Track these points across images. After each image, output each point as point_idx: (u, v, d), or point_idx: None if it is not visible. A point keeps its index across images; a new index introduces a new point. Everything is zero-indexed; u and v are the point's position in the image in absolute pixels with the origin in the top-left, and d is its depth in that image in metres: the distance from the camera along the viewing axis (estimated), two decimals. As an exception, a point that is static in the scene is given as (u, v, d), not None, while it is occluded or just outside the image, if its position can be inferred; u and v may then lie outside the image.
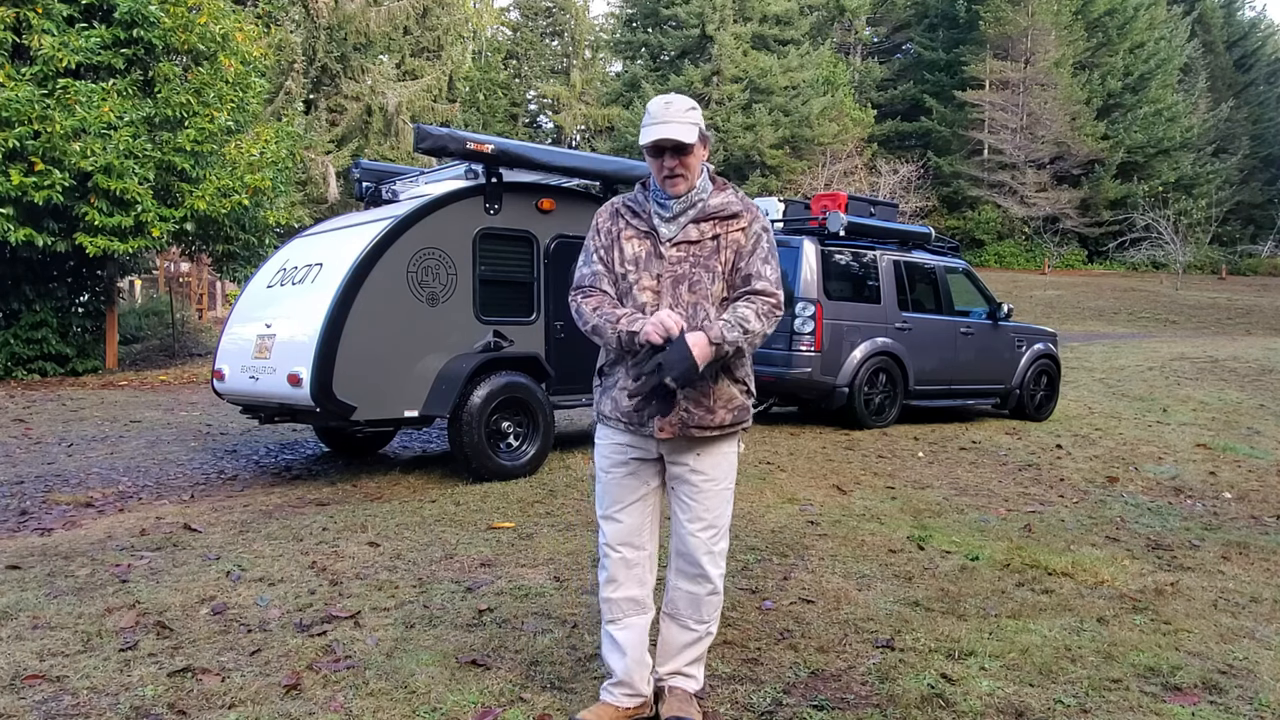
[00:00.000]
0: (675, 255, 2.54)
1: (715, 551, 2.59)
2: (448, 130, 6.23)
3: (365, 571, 4.00)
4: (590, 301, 2.58)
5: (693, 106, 2.52)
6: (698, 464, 2.57)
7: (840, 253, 8.58)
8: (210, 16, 12.69)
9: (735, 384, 2.57)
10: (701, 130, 2.53)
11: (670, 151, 2.49)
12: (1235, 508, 6.35)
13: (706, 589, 2.60)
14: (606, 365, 2.66)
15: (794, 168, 37.79)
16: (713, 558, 2.59)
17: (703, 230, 2.54)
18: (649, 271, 2.55)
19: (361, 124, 29.77)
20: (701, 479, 2.57)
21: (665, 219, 2.57)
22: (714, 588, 2.61)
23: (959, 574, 4.20)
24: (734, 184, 2.65)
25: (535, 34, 49.49)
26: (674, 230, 2.56)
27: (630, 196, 2.68)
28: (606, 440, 2.66)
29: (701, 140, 2.54)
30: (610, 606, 2.65)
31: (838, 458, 7.11)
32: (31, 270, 12.91)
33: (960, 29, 42.11)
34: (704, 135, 2.55)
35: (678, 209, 2.56)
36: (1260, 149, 45.40)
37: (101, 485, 6.11)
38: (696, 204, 2.56)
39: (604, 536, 2.65)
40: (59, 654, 3.06)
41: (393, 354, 5.73)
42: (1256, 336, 21.69)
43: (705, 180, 2.59)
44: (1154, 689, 2.99)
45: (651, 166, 2.57)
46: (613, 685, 2.64)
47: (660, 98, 2.55)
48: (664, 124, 2.47)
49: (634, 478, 2.62)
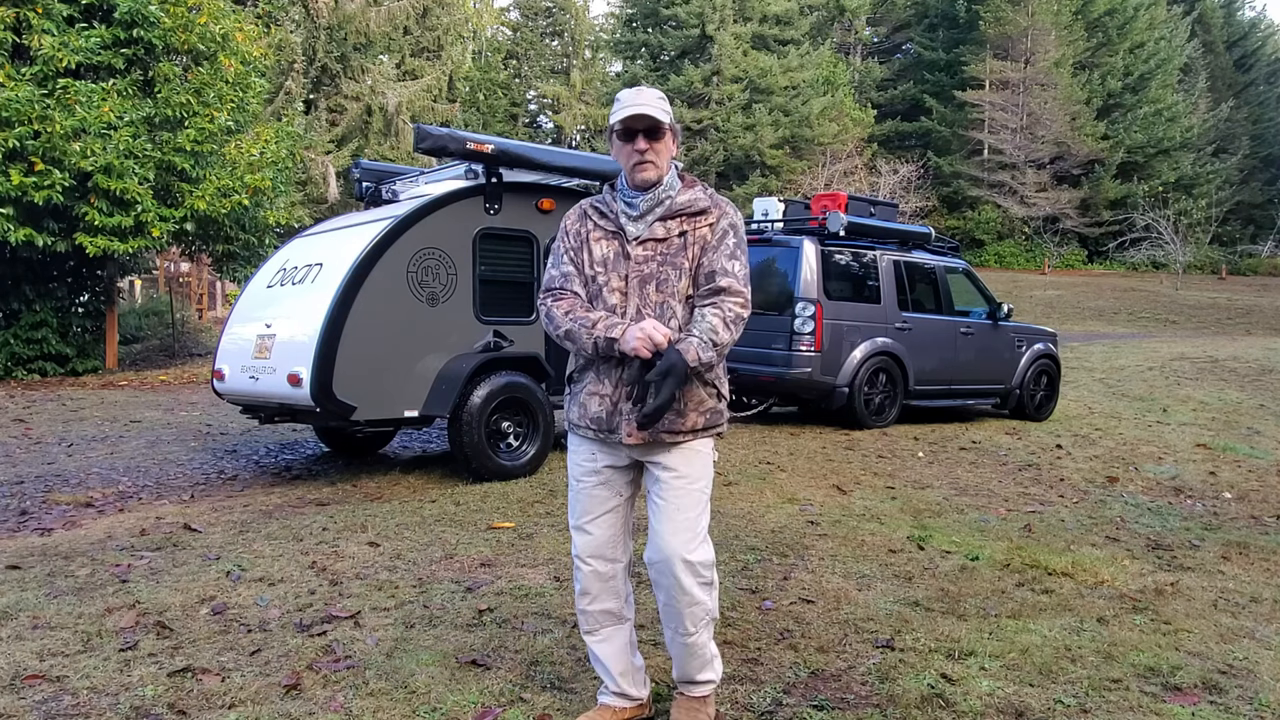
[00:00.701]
0: (642, 254, 2.47)
1: (692, 560, 2.42)
2: (448, 130, 6.23)
3: (365, 571, 4.00)
4: (561, 305, 2.50)
5: (662, 96, 2.49)
6: (668, 460, 2.47)
7: (840, 253, 8.58)
8: (210, 16, 12.69)
9: (705, 386, 2.48)
10: (672, 121, 2.49)
11: (642, 134, 2.44)
12: (1235, 508, 6.35)
13: (684, 600, 2.44)
14: (576, 371, 2.57)
15: (794, 168, 37.79)
16: (689, 567, 2.41)
17: (669, 228, 2.48)
18: (617, 272, 2.48)
19: (361, 124, 29.77)
20: (672, 475, 2.46)
21: (632, 218, 2.51)
22: (691, 598, 2.44)
23: (959, 574, 4.20)
24: (703, 182, 2.57)
25: (535, 34, 49.48)
26: (641, 229, 2.49)
27: (598, 197, 2.62)
28: (576, 448, 2.60)
29: (672, 131, 2.49)
30: (586, 618, 2.61)
31: (838, 458, 7.11)
32: (31, 270, 12.91)
33: (960, 29, 42.12)
34: (674, 127, 2.51)
35: (644, 207, 2.49)
36: (1260, 149, 45.41)
37: (101, 485, 6.11)
38: (664, 201, 2.50)
39: (575, 548, 2.58)
40: (59, 654, 3.06)
41: (393, 354, 5.73)
42: (1256, 336, 21.69)
43: (674, 177, 2.53)
44: (1154, 689, 2.99)
45: (620, 155, 2.51)
46: (607, 690, 2.64)
47: (630, 88, 2.52)
48: (636, 105, 2.43)
49: (605, 488, 2.55)
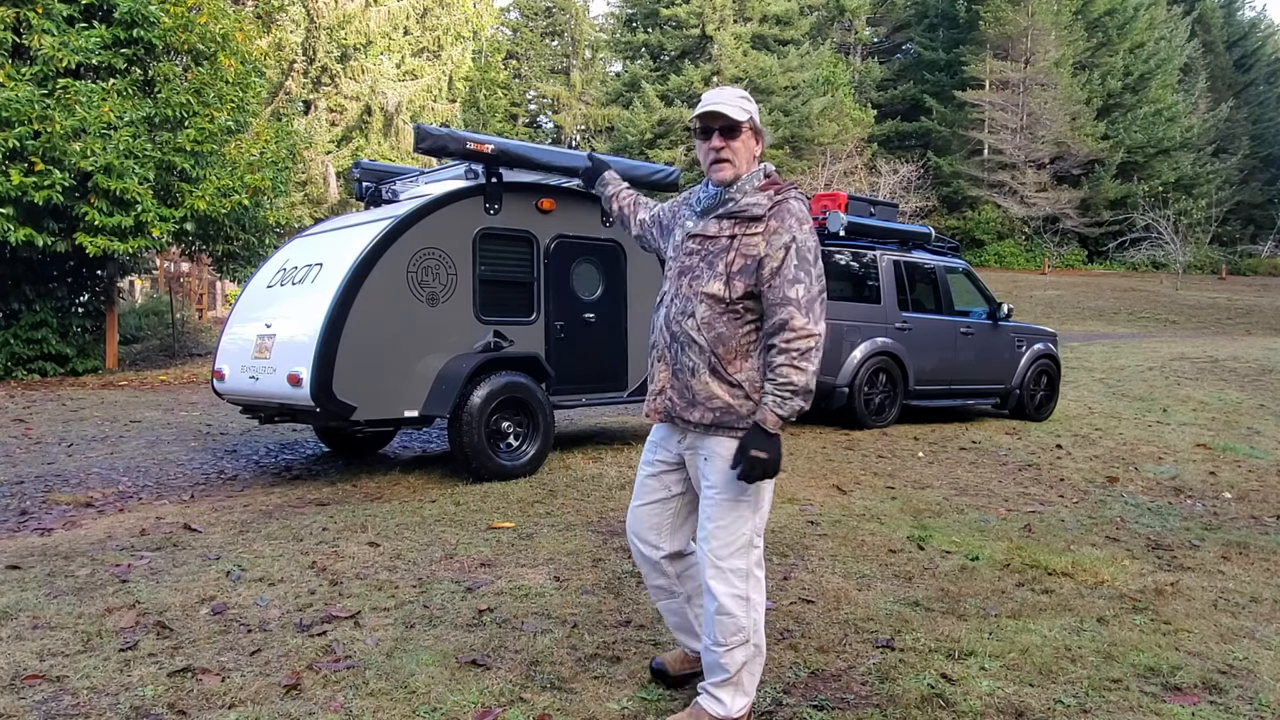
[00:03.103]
0: (689, 247, 2.55)
1: (723, 567, 2.43)
2: (448, 130, 6.22)
3: (365, 571, 4.00)
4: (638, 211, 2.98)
5: (745, 96, 2.50)
6: (705, 469, 2.50)
7: (840, 253, 8.58)
8: (210, 16, 12.70)
9: (722, 383, 2.44)
10: (754, 120, 2.48)
11: (718, 132, 2.46)
12: (1235, 508, 6.35)
13: (713, 606, 2.45)
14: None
15: (794, 168, 37.76)
16: (719, 574, 2.43)
17: (721, 227, 2.47)
18: (672, 259, 2.63)
19: (361, 124, 29.78)
20: (706, 485, 2.50)
21: (697, 212, 2.59)
22: (719, 605, 2.43)
23: (959, 574, 4.20)
24: (794, 189, 2.47)
25: (535, 34, 49.49)
26: (699, 224, 2.56)
27: (700, 185, 2.72)
28: (650, 436, 2.76)
29: (754, 132, 2.49)
30: (647, 588, 2.81)
31: (838, 458, 7.11)
32: (31, 270, 12.91)
33: (960, 29, 42.10)
34: (757, 127, 2.50)
35: (709, 204, 2.54)
36: (1260, 149, 45.39)
37: (101, 485, 6.10)
38: (727, 201, 2.49)
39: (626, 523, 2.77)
40: (59, 654, 3.05)
41: (393, 354, 5.73)
42: (1256, 336, 21.69)
43: (752, 177, 2.49)
44: (1154, 689, 2.99)
45: (699, 153, 2.56)
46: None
47: (715, 88, 2.60)
48: (712, 104, 2.47)
49: (655, 480, 2.67)
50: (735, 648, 2.45)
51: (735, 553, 2.44)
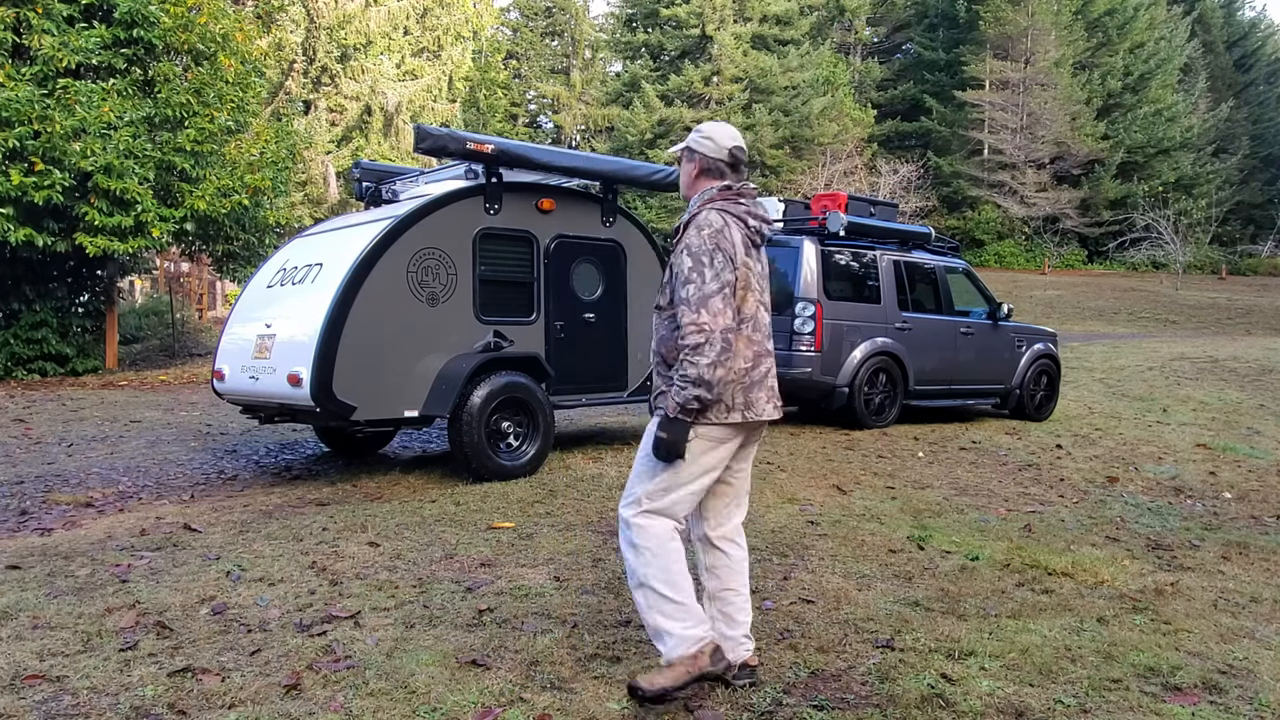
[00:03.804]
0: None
1: (621, 513, 2.83)
2: (448, 130, 6.22)
3: (365, 571, 4.00)
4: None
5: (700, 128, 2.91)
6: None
7: (840, 253, 8.58)
8: (210, 16, 12.70)
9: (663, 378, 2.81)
10: (689, 147, 2.88)
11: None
12: (1235, 508, 6.35)
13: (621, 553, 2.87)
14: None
15: (794, 168, 37.76)
16: (621, 519, 2.83)
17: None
18: None
19: (361, 124, 29.78)
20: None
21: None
22: (623, 554, 2.82)
23: (959, 574, 4.20)
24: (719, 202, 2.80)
25: (535, 34, 49.47)
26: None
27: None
28: None
29: (686, 154, 2.89)
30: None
31: (838, 458, 7.11)
32: (31, 270, 12.91)
33: (960, 29, 42.07)
34: (685, 150, 2.90)
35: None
36: (1260, 149, 45.36)
37: (101, 485, 6.10)
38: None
39: None
40: (59, 654, 3.06)
41: (393, 354, 5.73)
42: (1256, 336, 21.69)
43: (699, 200, 2.84)
44: (1154, 689, 2.99)
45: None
46: None
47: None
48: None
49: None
50: (635, 590, 2.80)
51: (631, 503, 2.81)
